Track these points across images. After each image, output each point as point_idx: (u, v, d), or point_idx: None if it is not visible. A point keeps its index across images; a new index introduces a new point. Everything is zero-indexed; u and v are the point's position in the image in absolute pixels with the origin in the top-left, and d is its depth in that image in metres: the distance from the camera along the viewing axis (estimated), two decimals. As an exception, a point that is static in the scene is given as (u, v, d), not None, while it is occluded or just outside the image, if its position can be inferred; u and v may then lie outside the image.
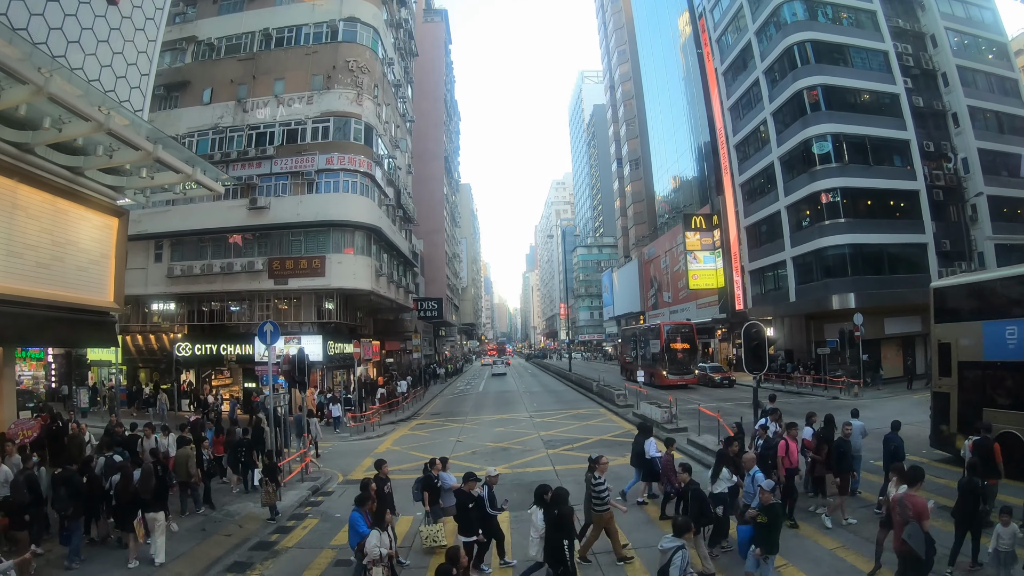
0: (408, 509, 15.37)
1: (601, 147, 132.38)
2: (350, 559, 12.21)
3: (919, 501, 8.77)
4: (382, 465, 13.21)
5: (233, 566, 12.07)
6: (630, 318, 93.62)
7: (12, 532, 10.85)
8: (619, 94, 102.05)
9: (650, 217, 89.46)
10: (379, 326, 52.32)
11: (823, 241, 40.93)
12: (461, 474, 12.10)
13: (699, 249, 57.36)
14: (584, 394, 43.98)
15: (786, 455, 13.02)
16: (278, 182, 37.03)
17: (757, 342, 17.29)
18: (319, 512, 15.82)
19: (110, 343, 20.46)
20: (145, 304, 38.54)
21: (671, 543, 7.90)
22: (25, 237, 14.09)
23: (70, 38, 15.11)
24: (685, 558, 7.73)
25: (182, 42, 39.70)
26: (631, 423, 28.24)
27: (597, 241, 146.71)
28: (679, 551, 7.76)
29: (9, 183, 13.62)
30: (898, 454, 13.20)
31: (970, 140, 42.38)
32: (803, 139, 42.07)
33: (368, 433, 29.46)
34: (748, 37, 49.10)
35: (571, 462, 20.06)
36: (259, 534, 13.94)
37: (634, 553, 11.65)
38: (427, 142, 78.98)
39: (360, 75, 38.05)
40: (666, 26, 74.24)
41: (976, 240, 41.76)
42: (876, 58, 43.63)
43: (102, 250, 16.63)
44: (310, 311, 37.11)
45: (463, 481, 11.53)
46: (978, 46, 46.36)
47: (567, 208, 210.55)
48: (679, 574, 7.65)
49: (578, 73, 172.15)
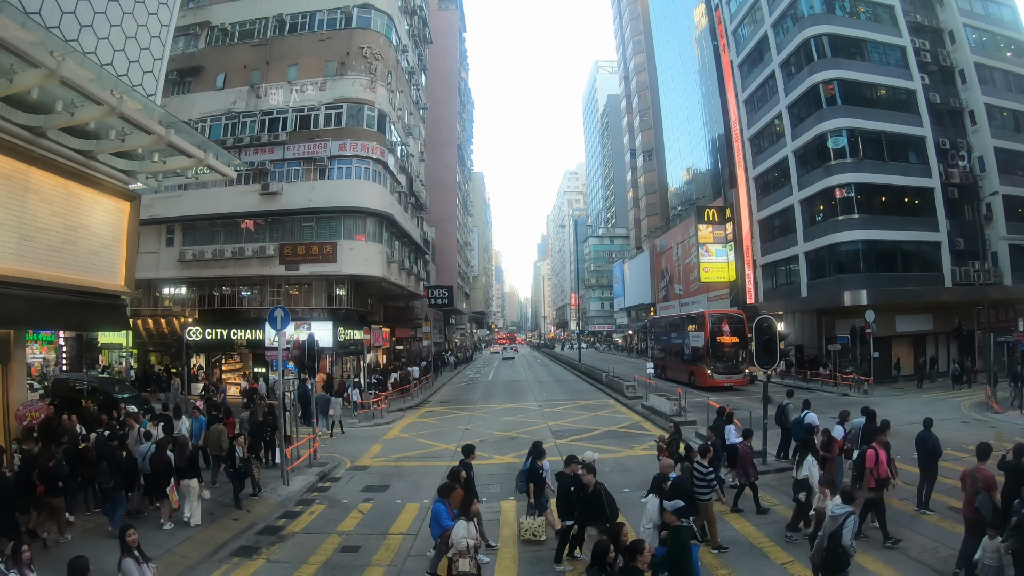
0: (414, 497, 15.42)
1: (615, 137, 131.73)
2: (357, 545, 12.30)
3: (988, 474, 9.80)
4: (471, 452, 13.12)
5: (240, 550, 12.12)
6: (641, 309, 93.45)
7: (47, 499, 11.89)
8: (633, 85, 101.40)
9: (663, 209, 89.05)
10: (389, 313, 52.39)
11: (836, 236, 40.62)
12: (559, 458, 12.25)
13: (711, 242, 57.04)
14: (593, 384, 43.97)
15: (875, 465, 11.65)
16: (290, 168, 37.04)
17: (768, 336, 17.21)
18: (326, 498, 15.87)
19: (121, 327, 20.61)
20: (156, 288, 38.72)
21: (842, 509, 8.41)
22: (37, 220, 14.11)
23: (83, 22, 15.08)
24: (855, 522, 8.47)
25: (195, 27, 39.68)
26: (640, 415, 28.26)
27: (609, 232, 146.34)
28: (851, 516, 8.33)
29: (21, 166, 13.62)
30: (935, 453, 12.95)
31: (986, 138, 41.91)
32: (818, 133, 41.73)
33: (377, 420, 29.50)
34: (764, 29, 48.67)
35: (579, 453, 20.04)
36: (266, 519, 14.00)
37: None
38: (440, 130, 78.86)
39: (374, 62, 37.97)
40: (682, 17, 73.64)
41: (990, 239, 41.36)
42: (893, 53, 43.16)
43: (114, 234, 16.65)
44: (321, 297, 37.19)
45: (565, 464, 11.69)
46: (996, 43, 45.76)
47: (579, 198, 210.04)
48: (851, 536, 8.28)
49: (592, 63, 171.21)
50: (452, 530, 9.21)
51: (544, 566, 11.08)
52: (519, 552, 11.75)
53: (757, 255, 52.26)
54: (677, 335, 47.31)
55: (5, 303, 13.33)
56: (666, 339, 51.02)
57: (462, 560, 8.87)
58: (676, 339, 47.27)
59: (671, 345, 48.76)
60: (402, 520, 13.78)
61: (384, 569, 11.22)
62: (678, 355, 46.16)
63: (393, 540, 12.60)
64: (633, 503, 14.37)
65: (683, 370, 43.40)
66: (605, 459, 18.87)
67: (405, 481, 17.15)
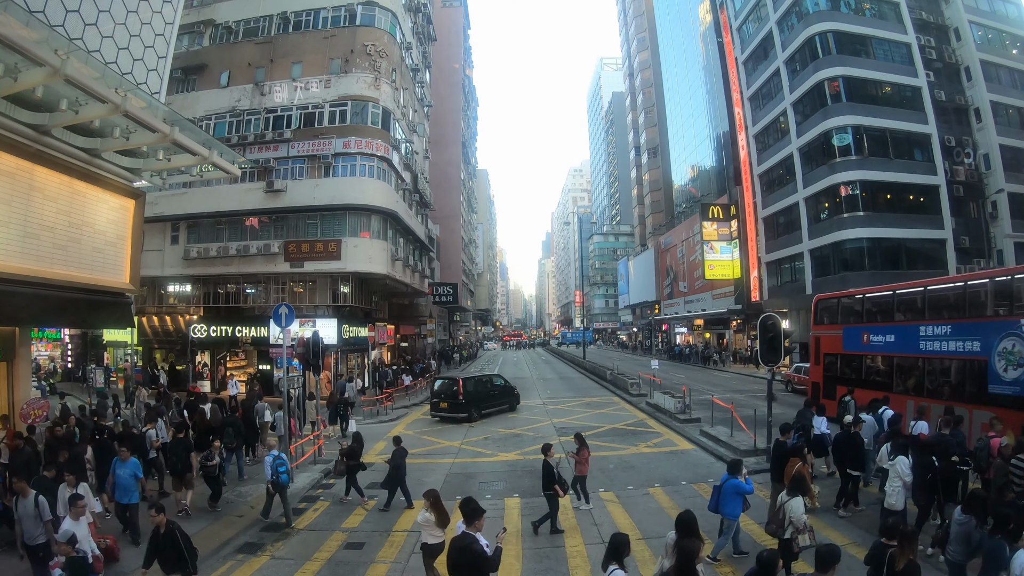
0: (418, 494, 15.39)
1: (619, 135, 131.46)
2: (361, 542, 12.32)
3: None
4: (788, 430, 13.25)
5: (244, 547, 12.14)
6: (645, 307, 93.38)
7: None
8: (638, 82, 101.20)
9: (667, 206, 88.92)
10: (394, 310, 52.42)
11: (841, 234, 40.59)
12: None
13: (716, 239, 56.97)
14: (597, 382, 43.91)
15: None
16: (295, 165, 37.07)
17: (773, 334, 17.17)
18: (330, 495, 15.92)
19: (126, 324, 20.59)
20: (161, 286, 38.81)
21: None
22: (42, 218, 14.15)
23: (87, 20, 15.11)
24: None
25: (200, 25, 39.70)
26: (645, 412, 28.22)
27: (613, 229, 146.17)
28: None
29: (26, 165, 13.66)
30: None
31: (992, 136, 41.80)
32: (823, 130, 41.68)
33: (381, 417, 29.52)
34: (769, 26, 48.59)
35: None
36: (271, 515, 14.02)
37: None
38: (445, 127, 78.81)
39: (378, 59, 37.96)
40: (686, 14, 73.54)
41: (995, 237, 41.31)
42: (898, 50, 43.10)
43: (118, 231, 16.69)
44: (325, 294, 37.23)
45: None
46: (1002, 40, 45.61)
47: (584, 195, 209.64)
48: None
49: (597, 60, 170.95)
50: (786, 505, 9.25)
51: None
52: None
53: (762, 252, 52.23)
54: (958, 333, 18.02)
55: (10, 301, 13.35)
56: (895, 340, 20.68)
57: (800, 537, 9.01)
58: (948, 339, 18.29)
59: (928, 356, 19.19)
60: (407, 517, 13.79)
61: (388, 566, 11.24)
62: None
63: (397, 537, 12.64)
64: (637, 501, 14.41)
65: None
66: (609, 456, 18.92)
67: (410, 478, 17.08)
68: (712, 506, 10.76)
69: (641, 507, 13.91)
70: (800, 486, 9.87)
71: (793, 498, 9.30)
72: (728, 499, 10.44)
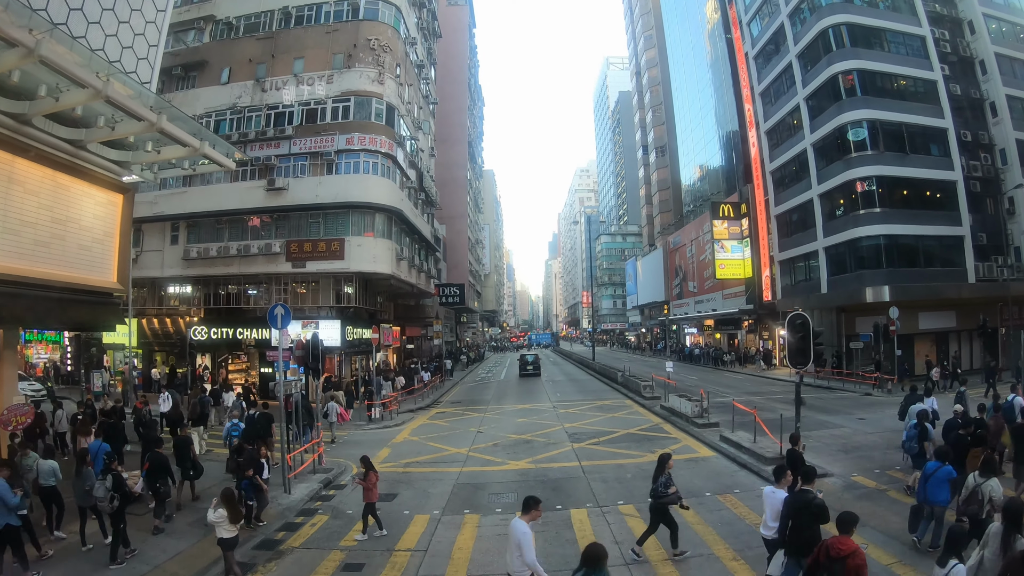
0: (423, 507, 14.54)
1: (626, 134, 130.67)
2: (360, 562, 11.35)
3: None
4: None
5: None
6: (654, 307, 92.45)
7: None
8: (645, 80, 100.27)
9: (675, 205, 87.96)
10: (399, 311, 51.66)
11: (857, 231, 39.49)
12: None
13: (727, 238, 56.02)
14: (608, 384, 42.95)
15: None
16: (297, 163, 36.29)
17: (802, 334, 16.16)
18: (329, 507, 14.95)
19: (113, 325, 19.77)
20: (161, 287, 38.13)
21: None
22: (22, 214, 13.32)
23: (72, 5, 14.34)
24: None
25: (200, 21, 38.96)
26: (659, 416, 27.27)
27: (621, 229, 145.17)
28: None
29: (5, 156, 12.86)
30: None
31: (1008, 130, 40.64)
32: (838, 125, 40.60)
33: (386, 422, 28.56)
34: (781, 20, 47.57)
35: (599, 457, 19.09)
36: (265, 531, 13.09)
37: None
38: (451, 126, 78.11)
39: (382, 54, 37.15)
40: (694, 12, 72.54)
41: (1013, 234, 40.29)
42: (913, 43, 42.00)
43: (106, 228, 15.84)
44: (329, 295, 36.48)
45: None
46: (1016, 34, 44.43)
47: (591, 195, 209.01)
48: None
49: (603, 59, 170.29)
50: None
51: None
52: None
53: (774, 251, 51.14)
54: None
55: (-14, 301, 12.46)
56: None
57: None
58: None
59: None
60: (410, 534, 12.81)
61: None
62: None
63: (400, 557, 11.58)
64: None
65: None
66: (626, 464, 17.95)
67: (414, 489, 16.23)
68: (920, 496, 11.04)
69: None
70: (991, 467, 10.10)
71: (989, 479, 9.69)
72: (937, 487, 10.78)
